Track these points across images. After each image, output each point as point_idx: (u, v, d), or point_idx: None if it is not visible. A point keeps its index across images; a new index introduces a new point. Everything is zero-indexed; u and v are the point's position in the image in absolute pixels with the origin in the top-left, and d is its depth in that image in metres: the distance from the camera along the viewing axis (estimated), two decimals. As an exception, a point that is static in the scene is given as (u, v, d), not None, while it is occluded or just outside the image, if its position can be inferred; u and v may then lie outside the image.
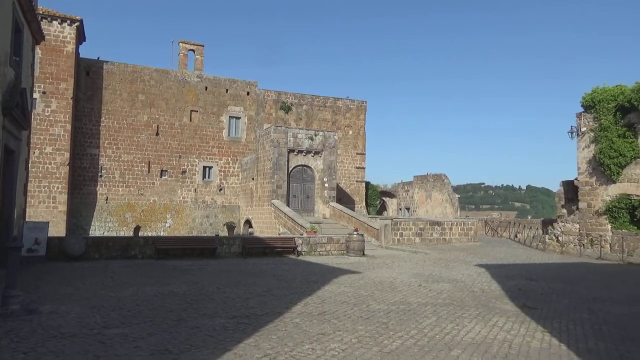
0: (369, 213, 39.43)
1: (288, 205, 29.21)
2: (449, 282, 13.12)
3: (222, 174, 36.18)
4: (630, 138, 21.91)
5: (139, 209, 33.17)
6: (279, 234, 25.51)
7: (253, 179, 33.15)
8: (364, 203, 40.50)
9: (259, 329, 7.60)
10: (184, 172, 34.87)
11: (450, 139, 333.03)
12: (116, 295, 10.05)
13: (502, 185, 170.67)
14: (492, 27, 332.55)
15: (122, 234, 30.80)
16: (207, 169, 35.83)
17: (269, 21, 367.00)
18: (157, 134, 34.12)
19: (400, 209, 45.81)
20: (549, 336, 7.76)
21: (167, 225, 33.74)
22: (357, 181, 40.18)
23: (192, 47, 36.29)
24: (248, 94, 37.23)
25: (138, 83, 33.82)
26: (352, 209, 35.04)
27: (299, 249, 19.43)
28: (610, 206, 22.40)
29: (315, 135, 31.00)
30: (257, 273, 14.07)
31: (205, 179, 35.63)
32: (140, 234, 29.17)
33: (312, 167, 31.08)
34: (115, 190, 32.95)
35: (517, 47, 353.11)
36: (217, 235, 21.58)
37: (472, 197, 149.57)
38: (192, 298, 9.99)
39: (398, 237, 24.82)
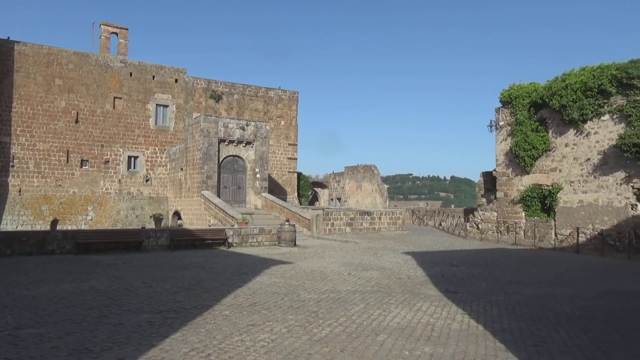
0: (301, 204, 39.64)
1: (219, 196, 28.67)
2: (377, 270, 13.52)
3: (149, 164, 34.74)
4: (542, 132, 23.62)
5: (56, 202, 31.10)
6: (210, 226, 25.00)
7: (182, 169, 32.16)
8: (296, 194, 40.65)
9: (187, 322, 7.42)
10: (106, 162, 33.08)
11: (380, 131, 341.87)
12: (31, 294, 9.39)
13: (429, 176, 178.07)
14: (420, 24, 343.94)
15: (38, 228, 28.75)
16: (133, 158, 34.23)
17: (199, 9, 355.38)
18: (76, 122, 32.06)
19: (332, 199, 46.49)
20: (468, 318, 8.24)
21: (89, 218, 31.95)
22: (289, 172, 40.21)
23: (115, 29, 34.33)
24: (176, 81, 35.91)
25: (55, 66, 31.51)
26: (284, 199, 35.06)
27: (230, 240, 19.16)
28: (524, 195, 24.09)
29: (247, 125, 30.59)
30: (185, 266, 13.72)
31: (130, 170, 34.03)
32: (59, 227, 27.38)
33: (244, 157, 30.68)
34: (30, 181, 30.64)
35: (444, 44, 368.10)
36: (143, 228, 20.75)
37: (400, 187, 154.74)
38: (116, 294, 9.56)
39: (329, 227, 25.19)
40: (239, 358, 5.85)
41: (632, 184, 19.95)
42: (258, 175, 30.62)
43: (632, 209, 19.97)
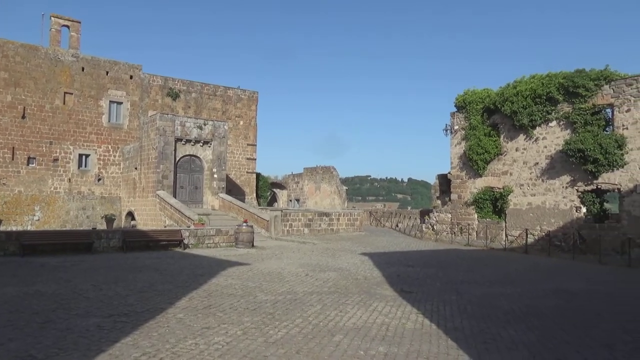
0: (259, 204, 39.35)
1: (175, 196, 28.05)
2: (334, 271, 13.60)
3: (101, 162, 33.54)
4: (495, 137, 24.47)
5: (0, 201, 29.53)
6: (165, 227, 24.40)
7: (136, 168, 31.25)
8: (255, 194, 40.32)
9: (139, 326, 7.21)
10: (55, 160, 31.69)
11: (339, 133, 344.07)
12: (-31, 299, 8.87)
13: (387, 178, 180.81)
14: (379, 27, 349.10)
15: (-21, 228, 27.18)
16: (84, 157, 32.94)
17: (157, 5, 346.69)
18: (23, 117, 30.54)
19: (291, 200, 46.41)
20: (422, 317, 8.42)
21: (36, 218, 30.50)
22: (247, 172, 39.83)
23: (66, 22, 32.94)
24: (131, 77, 34.86)
25: (0, 58, 29.94)
26: (243, 200, 34.71)
27: (185, 241, 18.77)
28: (477, 197, 24.86)
29: (205, 125, 30.08)
30: (139, 268, 13.33)
31: (81, 168, 32.73)
32: (3, 228, 26.01)
33: (201, 157, 30.15)
34: (-29, 179, 28.95)
35: (403, 47, 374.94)
36: (94, 229, 20.03)
37: (359, 189, 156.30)
38: (63, 297, 9.17)
39: (288, 228, 25.12)
40: (192, 362, 5.73)
41: (576, 188, 20.96)
42: (216, 176, 30.17)
43: (576, 211, 20.98)
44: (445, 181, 27.92)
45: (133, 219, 31.48)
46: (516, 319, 8.42)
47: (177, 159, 29.18)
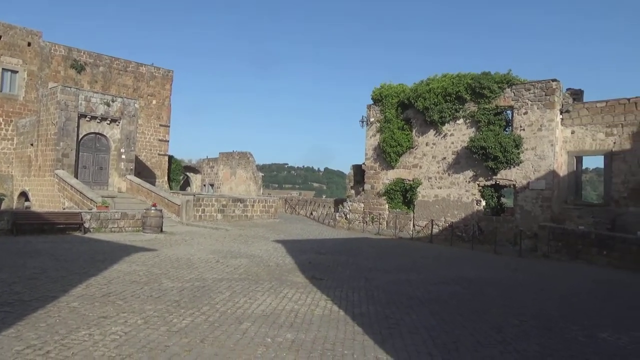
0: (171, 188, 37.79)
1: (76, 177, 26.04)
2: (246, 258, 13.39)
3: (-9, 136, 30.24)
4: (407, 131, 25.44)
5: None
6: (64, 209, 22.58)
7: (32, 144, 28.55)
8: (166, 178, 38.66)
9: (25, 316, 6.55)
10: None
11: (257, 119, 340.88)
12: None
13: (304, 166, 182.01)
14: (304, 12, 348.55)
15: None
16: (-31, 129, 29.51)
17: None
18: None
19: (205, 185, 45.14)
20: (330, 304, 8.52)
21: None
22: (159, 154, 38.02)
23: (-49, -25, 29.11)
24: (29, 44, 31.65)
25: None
26: (153, 183, 33.13)
27: (86, 225, 17.50)
28: (389, 189, 25.77)
29: (113, 101, 28.16)
30: (30, 253, 12.19)
31: (-35, 141, 29.30)
32: None
33: (108, 136, 28.23)
34: None
35: (323, 34, 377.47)
36: (-22, 209, 18.01)
37: (276, 176, 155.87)
38: None
39: (200, 213, 24.38)
40: (84, 354, 5.29)
41: (478, 182, 22.45)
42: (123, 156, 28.45)
43: (477, 204, 22.49)
44: (359, 172, 28.62)
45: (27, 199, 28.81)
46: (419, 304, 8.80)
47: (81, 136, 27.07)
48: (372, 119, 27.09)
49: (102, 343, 5.66)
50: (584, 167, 23.91)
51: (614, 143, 19.73)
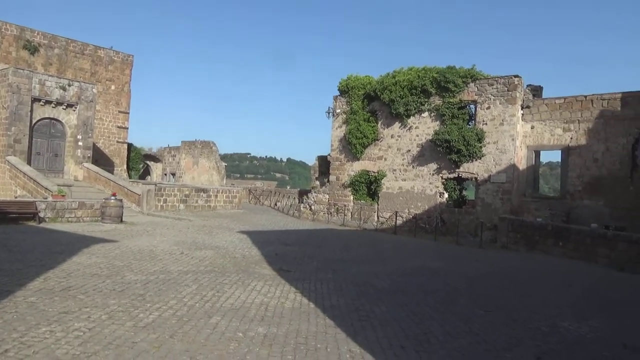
0: (130, 177, 36.68)
1: (29, 164, 24.84)
2: (211, 249, 13.14)
3: None
4: (373, 123, 25.59)
5: None
6: (16, 197, 21.51)
7: (-19, 129, 26.97)
8: (125, 166, 37.44)
9: (-22, 313, 6.17)
10: None
11: (220, 107, 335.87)
12: None
13: (266, 156, 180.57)
14: (272, 3, 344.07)
15: None
16: None
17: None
18: None
19: (166, 174, 44.08)
20: (300, 296, 8.46)
21: None
22: (118, 142, 36.74)
23: None
24: (-23, 23, 29.80)
25: None
26: (112, 172, 32.04)
27: (41, 215, 16.72)
28: (354, 180, 25.90)
29: (69, 86, 26.95)
30: (-20, 244, 11.52)
31: None
32: None
33: (64, 121, 27.03)
34: None
35: (286, 23, 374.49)
36: None
37: (238, 166, 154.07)
38: None
39: (162, 203, 23.77)
40: (46, 352, 5.02)
41: (441, 175, 22.87)
42: (80, 143, 27.34)
43: (440, 196, 22.93)
44: (324, 163, 28.62)
45: (-25, 187, 27.27)
46: (387, 296, 8.88)
47: (34, 121, 25.80)
48: (338, 110, 27.09)
49: (65, 340, 5.39)
50: (540, 162, 24.76)
51: (571, 138, 20.51)
